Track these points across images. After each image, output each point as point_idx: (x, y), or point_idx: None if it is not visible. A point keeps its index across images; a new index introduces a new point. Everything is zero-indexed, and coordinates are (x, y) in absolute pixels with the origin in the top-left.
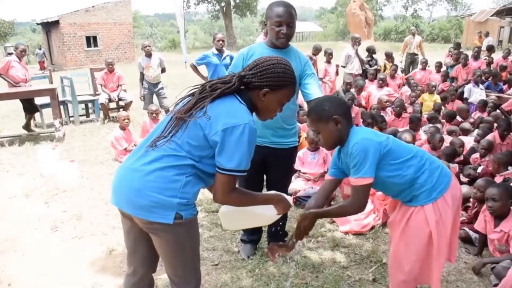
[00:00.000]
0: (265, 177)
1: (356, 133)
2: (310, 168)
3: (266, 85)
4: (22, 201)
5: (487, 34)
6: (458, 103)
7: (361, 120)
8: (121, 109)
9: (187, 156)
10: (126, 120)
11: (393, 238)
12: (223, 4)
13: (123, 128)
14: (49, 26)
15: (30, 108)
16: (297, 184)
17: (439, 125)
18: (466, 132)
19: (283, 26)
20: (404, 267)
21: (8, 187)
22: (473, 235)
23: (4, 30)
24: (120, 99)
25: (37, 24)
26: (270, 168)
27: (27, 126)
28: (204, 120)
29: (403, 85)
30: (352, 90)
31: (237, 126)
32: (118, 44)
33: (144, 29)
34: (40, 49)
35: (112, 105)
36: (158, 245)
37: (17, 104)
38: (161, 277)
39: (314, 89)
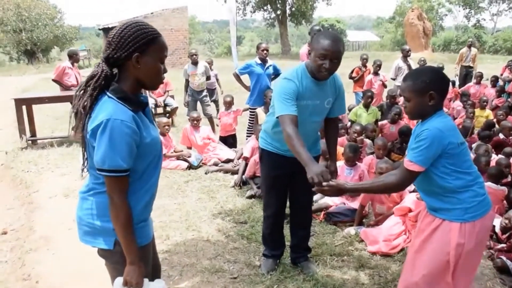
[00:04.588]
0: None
1: (437, 118)
2: None
3: (133, 50)
4: (61, 201)
5: None
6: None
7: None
8: (167, 115)
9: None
10: (166, 127)
11: (412, 245)
12: (278, 12)
13: (163, 134)
14: (109, 32)
15: None
16: (329, 199)
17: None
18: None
19: (327, 60)
20: (410, 277)
21: (50, 186)
22: (511, 264)
23: (70, 35)
24: (166, 105)
25: (99, 29)
26: (295, 177)
27: None
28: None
29: (455, 99)
30: (400, 103)
31: (97, 125)
32: (173, 49)
33: (202, 35)
34: None
35: (159, 110)
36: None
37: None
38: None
39: (335, 108)
